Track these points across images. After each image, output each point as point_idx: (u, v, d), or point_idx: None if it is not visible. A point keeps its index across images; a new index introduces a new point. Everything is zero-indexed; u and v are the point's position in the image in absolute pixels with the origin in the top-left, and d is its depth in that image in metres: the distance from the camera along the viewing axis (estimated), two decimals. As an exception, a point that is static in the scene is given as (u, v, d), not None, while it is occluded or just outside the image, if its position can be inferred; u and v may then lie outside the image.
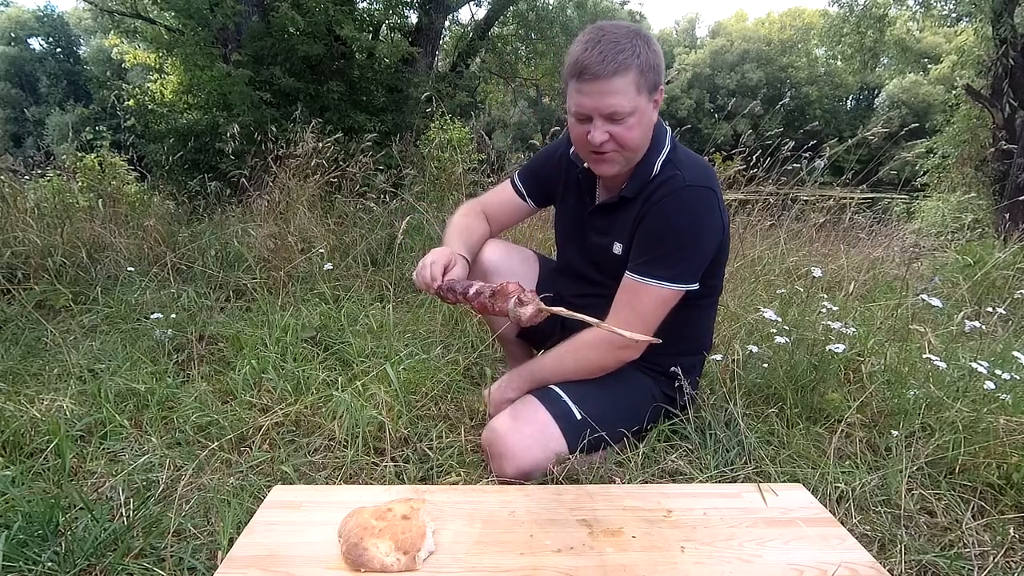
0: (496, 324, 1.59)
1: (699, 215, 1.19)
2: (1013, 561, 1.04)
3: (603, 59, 1.07)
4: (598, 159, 1.20)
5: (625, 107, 1.11)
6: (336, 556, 0.89)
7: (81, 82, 29.88)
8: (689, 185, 1.18)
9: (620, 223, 1.28)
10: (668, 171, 1.23)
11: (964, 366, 1.62)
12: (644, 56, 1.10)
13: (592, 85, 1.09)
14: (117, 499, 1.11)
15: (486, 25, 8.35)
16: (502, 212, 1.52)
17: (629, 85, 1.10)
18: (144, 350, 1.93)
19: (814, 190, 3.51)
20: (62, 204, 3.35)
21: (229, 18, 4.97)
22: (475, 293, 1.07)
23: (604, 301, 1.33)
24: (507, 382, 1.35)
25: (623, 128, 1.13)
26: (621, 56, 1.08)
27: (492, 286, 1.04)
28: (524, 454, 1.17)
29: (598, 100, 1.10)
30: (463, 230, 1.44)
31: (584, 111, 1.13)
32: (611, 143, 1.15)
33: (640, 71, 1.10)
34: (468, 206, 1.52)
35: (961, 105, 10.13)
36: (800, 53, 38.62)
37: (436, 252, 1.27)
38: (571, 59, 1.12)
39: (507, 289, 1.00)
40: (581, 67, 1.09)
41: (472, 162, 4.63)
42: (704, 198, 1.19)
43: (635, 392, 1.33)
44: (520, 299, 0.98)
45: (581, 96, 1.12)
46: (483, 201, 1.53)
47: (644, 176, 1.23)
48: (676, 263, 1.19)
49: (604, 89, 1.09)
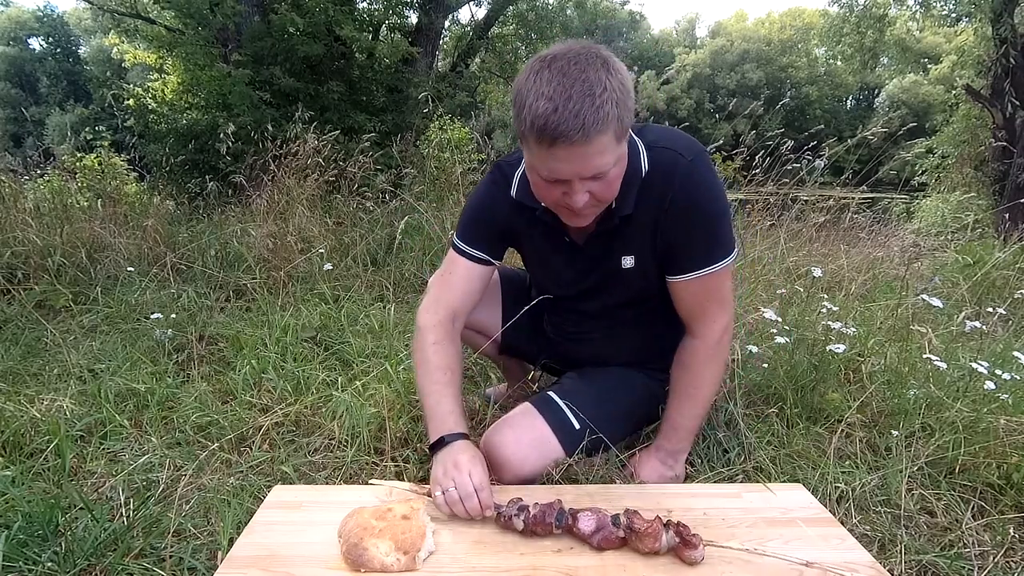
0: (476, 343, 1.45)
1: (715, 179, 1.11)
2: (1013, 561, 1.04)
3: (581, 120, 0.87)
4: (573, 216, 1.05)
5: (609, 163, 0.94)
6: (336, 556, 0.89)
7: (81, 82, 29.87)
8: (692, 158, 1.09)
9: (626, 237, 1.16)
10: (658, 157, 1.10)
11: (964, 366, 1.62)
12: (618, 93, 0.90)
13: (570, 151, 0.90)
14: (117, 499, 1.11)
15: (486, 25, 8.36)
16: (470, 296, 1.26)
17: (611, 140, 0.92)
18: (144, 350, 1.93)
19: (814, 190, 3.51)
20: (62, 204, 3.35)
21: (229, 18, 4.98)
22: (594, 531, 0.92)
23: (604, 327, 1.31)
24: (663, 460, 1.23)
25: (604, 184, 0.97)
26: (600, 112, 0.88)
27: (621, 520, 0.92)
28: (522, 464, 1.16)
29: (579, 166, 0.93)
30: (445, 388, 1.16)
31: (561, 177, 0.95)
32: (591, 200, 0.99)
33: (619, 118, 0.91)
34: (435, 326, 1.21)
35: (961, 105, 10.12)
36: (800, 53, 38.62)
37: (462, 463, 1.02)
38: (532, 115, 0.89)
39: (652, 529, 0.89)
40: (554, 132, 0.88)
41: (472, 162, 4.63)
42: (706, 161, 1.11)
43: (635, 394, 1.33)
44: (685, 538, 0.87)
45: (556, 163, 0.93)
46: (445, 301, 1.23)
47: (636, 183, 1.09)
48: (725, 235, 1.13)
49: (585, 152, 0.91)
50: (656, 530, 0.89)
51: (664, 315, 1.25)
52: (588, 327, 1.32)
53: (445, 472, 1.02)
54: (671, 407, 1.24)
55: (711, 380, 1.21)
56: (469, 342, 1.47)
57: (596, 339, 1.33)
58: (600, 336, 1.32)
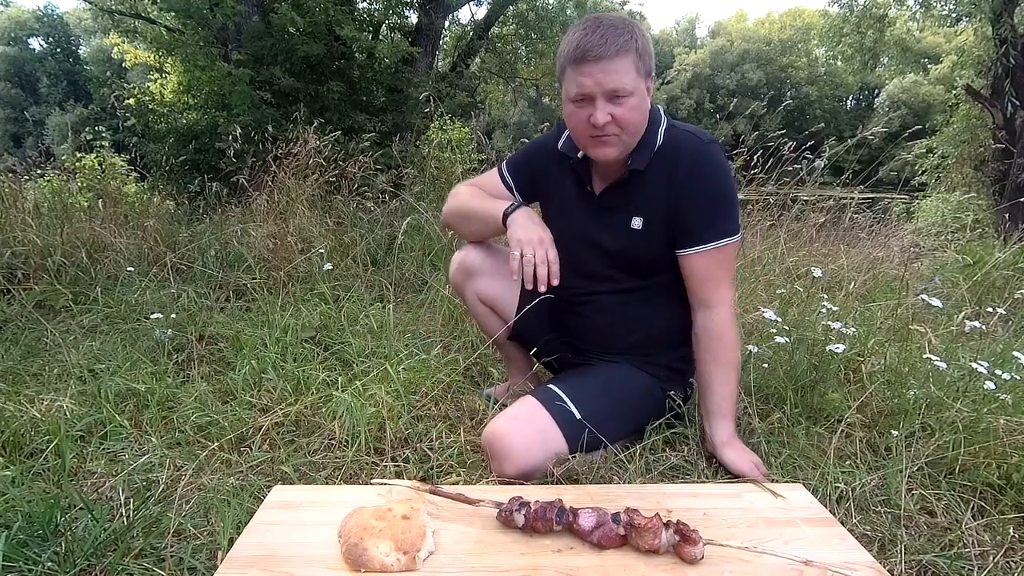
0: (491, 328, 1.54)
1: (727, 165, 1.26)
2: (1013, 561, 1.04)
3: (604, 41, 1.10)
4: (598, 142, 1.20)
5: (628, 86, 1.13)
6: (336, 556, 0.89)
7: (81, 82, 29.88)
8: (708, 141, 1.24)
9: (638, 198, 1.27)
10: (675, 134, 1.25)
11: (964, 366, 1.62)
12: (640, 42, 1.14)
13: (595, 66, 1.12)
14: (117, 499, 1.11)
15: (486, 25, 8.35)
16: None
17: (630, 66, 1.13)
18: (144, 350, 1.93)
19: (814, 190, 3.51)
20: (62, 204, 3.34)
21: (229, 18, 4.97)
22: (594, 527, 0.92)
23: (611, 296, 1.34)
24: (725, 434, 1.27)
25: (625, 109, 1.15)
26: (621, 39, 1.11)
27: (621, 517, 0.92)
28: (525, 455, 1.17)
29: (601, 79, 1.12)
30: (489, 197, 1.42)
31: (586, 91, 1.14)
32: (613, 124, 1.16)
33: (639, 54, 1.13)
34: (468, 186, 1.49)
35: (961, 105, 10.12)
36: (800, 53, 38.64)
37: (537, 224, 1.28)
38: (569, 46, 1.14)
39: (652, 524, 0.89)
40: (583, 50, 1.11)
41: (472, 162, 4.64)
42: (720, 149, 1.25)
43: (635, 392, 1.33)
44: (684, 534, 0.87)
45: (583, 78, 1.13)
46: (478, 186, 1.49)
47: (650, 147, 1.24)
48: (734, 212, 1.25)
49: (607, 68, 1.12)
50: (656, 526, 0.89)
51: (669, 302, 1.32)
52: (597, 296, 1.36)
53: (523, 238, 1.24)
54: (718, 382, 1.27)
55: (738, 344, 1.29)
56: (482, 321, 1.55)
57: (604, 311, 1.36)
58: (608, 307, 1.35)
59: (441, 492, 1.01)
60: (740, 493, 1.11)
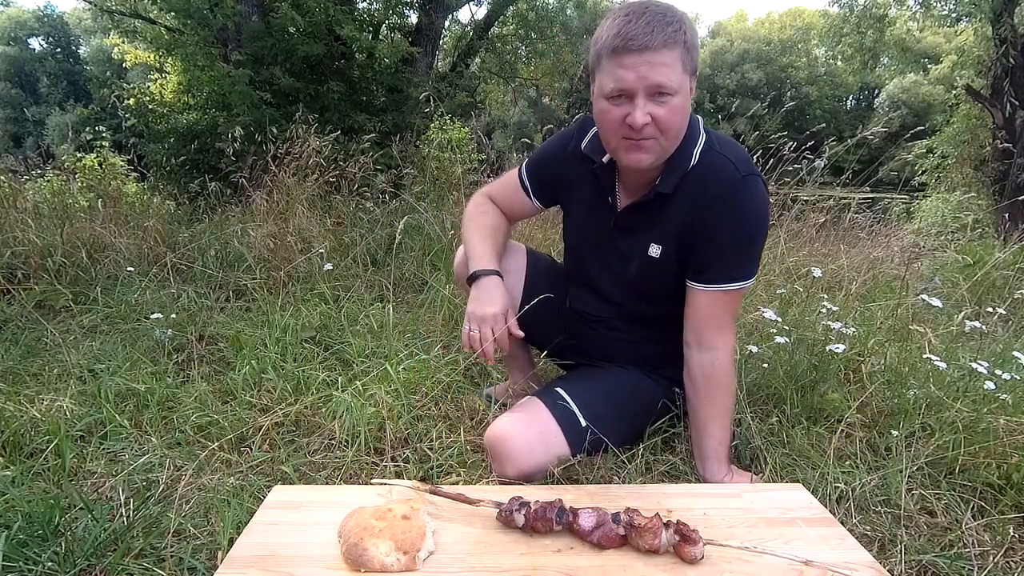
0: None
1: (763, 206, 1.13)
2: (1013, 561, 1.04)
3: (651, 29, 0.97)
4: (633, 146, 1.06)
5: (673, 82, 0.99)
6: (336, 556, 0.89)
7: (81, 82, 29.88)
8: (745, 175, 1.10)
9: (659, 223, 1.17)
10: (711, 159, 1.12)
11: (964, 366, 1.62)
12: (689, 34, 1.01)
13: (638, 57, 0.97)
14: (117, 499, 1.11)
15: (486, 25, 8.35)
16: (510, 210, 1.40)
17: (677, 60, 0.99)
18: (144, 350, 1.93)
19: (814, 190, 3.51)
20: (62, 204, 3.35)
21: (229, 18, 4.97)
22: (594, 527, 0.91)
23: (619, 323, 1.32)
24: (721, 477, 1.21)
25: (667, 110, 1.01)
26: (670, 28, 0.98)
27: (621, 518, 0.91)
28: (527, 457, 1.16)
29: (645, 72, 0.98)
30: (489, 232, 1.32)
31: (626, 86, 1.00)
32: (652, 127, 1.02)
33: (687, 48, 1.00)
34: (481, 199, 1.40)
35: (961, 105, 10.12)
36: (800, 53, 38.60)
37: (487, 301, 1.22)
38: (608, 33, 1.00)
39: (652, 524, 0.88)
40: (625, 38, 0.97)
41: (472, 162, 4.64)
42: (760, 186, 1.13)
43: (641, 397, 1.33)
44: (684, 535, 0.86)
45: (623, 70, 0.99)
46: (491, 194, 1.41)
47: (682, 169, 1.12)
48: (755, 256, 1.16)
49: (652, 60, 0.98)
50: (656, 526, 0.89)
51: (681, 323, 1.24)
52: (609, 318, 1.32)
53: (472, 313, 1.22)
54: (715, 426, 1.20)
55: (734, 387, 1.24)
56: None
57: (616, 329, 1.34)
58: (619, 327, 1.33)
59: (441, 492, 1.01)
60: (740, 493, 1.11)
